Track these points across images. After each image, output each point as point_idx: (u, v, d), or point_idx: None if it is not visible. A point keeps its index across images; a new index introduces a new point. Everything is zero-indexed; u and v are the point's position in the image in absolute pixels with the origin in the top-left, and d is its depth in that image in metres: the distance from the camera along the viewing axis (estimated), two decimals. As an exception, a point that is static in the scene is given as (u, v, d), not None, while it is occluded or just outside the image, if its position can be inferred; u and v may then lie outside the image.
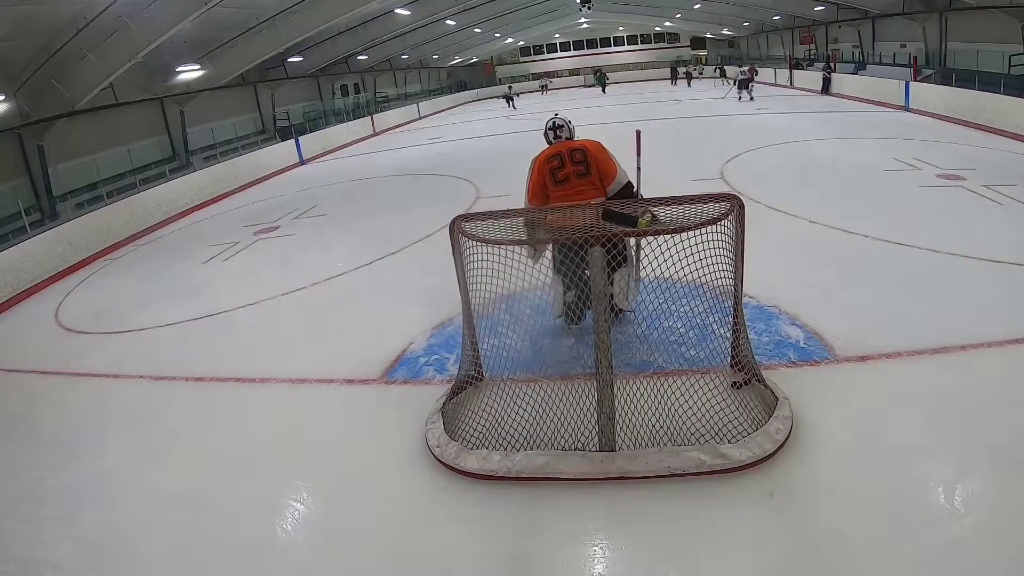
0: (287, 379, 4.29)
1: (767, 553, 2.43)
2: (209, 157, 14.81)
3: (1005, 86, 11.05)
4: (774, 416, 3.04)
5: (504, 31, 29.83)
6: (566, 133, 4.17)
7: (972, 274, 4.73)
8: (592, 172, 3.85)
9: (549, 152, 3.98)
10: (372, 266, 6.59)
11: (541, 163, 3.95)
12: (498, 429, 3.14)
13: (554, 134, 4.18)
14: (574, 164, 3.84)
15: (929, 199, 6.79)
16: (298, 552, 2.77)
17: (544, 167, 3.91)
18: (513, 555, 2.57)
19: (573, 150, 3.90)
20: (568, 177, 3.84)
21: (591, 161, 3.85)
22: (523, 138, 15.71)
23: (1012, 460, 2.74)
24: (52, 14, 9.35)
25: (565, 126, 4.18)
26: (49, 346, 5.73)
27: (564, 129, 4.17)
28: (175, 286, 6.91)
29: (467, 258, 3.25)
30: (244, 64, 15.10)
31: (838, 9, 20.59)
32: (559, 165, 3.87)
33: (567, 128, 4.18)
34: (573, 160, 3.85)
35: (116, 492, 3.32)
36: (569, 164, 3.85)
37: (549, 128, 4.21)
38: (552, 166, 3.88)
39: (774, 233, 5.90)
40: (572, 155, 3.87)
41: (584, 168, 3.84)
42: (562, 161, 3.87)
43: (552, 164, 3.89)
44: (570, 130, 4.20)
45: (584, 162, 3.84)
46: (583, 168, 3.84)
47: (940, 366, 3.57)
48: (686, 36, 36.28)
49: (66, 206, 10.87)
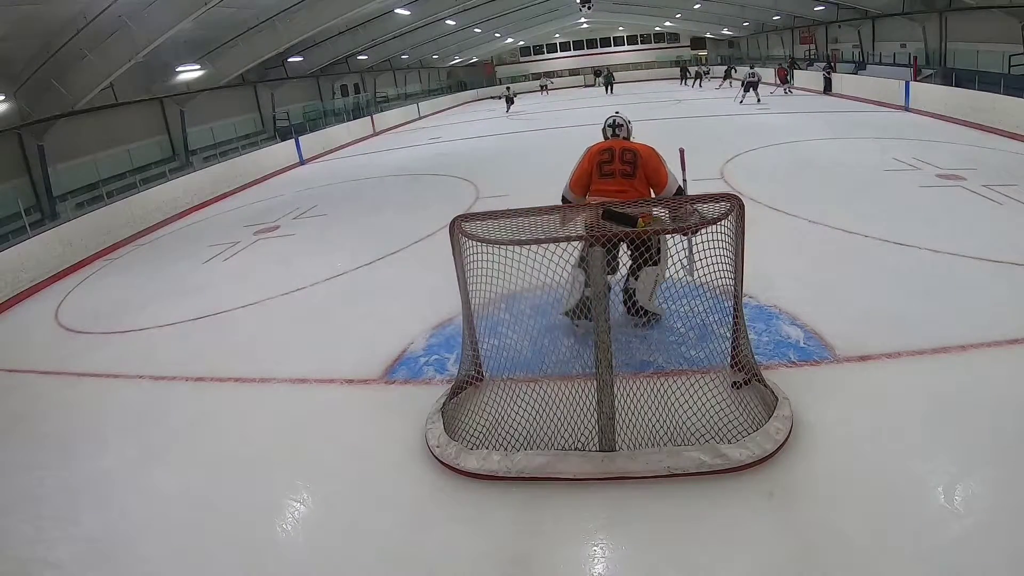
0: (287, 379, 4.29)
1: (767, 553, 2.43)
2: (209, 157, 14.80)
3: (1005, 86, 11.05)
4: (774, 416, 3.04)
5: (504, 31, 29.83)
6: (623, 133, 4.28)
7: (972, 274, 4.73)
8: (638, 176, 3.93)
9: (603, 145, 4.09)
10: (372, 266, 6.59)
11: (593, 153, 4.05)
12: (498, 429, 3.14)
13: (612, 131, 4.28)
14: (623, 163, 3.94)
15: (929, 199, 6.80)
16: (298, 552, 2.76)
17: (595, 157, 4.02)
18: (513, 555, 2.56)
19: (625, 150, 3.99)
20: (614, 173, 3.94)
21: (640, 165, 3.93)
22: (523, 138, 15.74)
23: (1012, 460, 2.74)
24: (52, 14, 9.35)
25: (624, 126, 4.29)
26: (49, 346, 5.73)
27: (623, 128, 4.29)
28: (175, 286, 6.91)
29: (467, 258, 3.25)
30: (244, 64, 15.11)
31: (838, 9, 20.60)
32: (608, 159, 3.97)
33: (625, 128, 4.29)
34: (623, 159, 3.95)
35: (116, 492, 3.32)
36: (618, 162, 3.95)
37: (608, 125, 4.32)
38: (602, 159, 3.99)
39: (774, 233, 5.89)
40: (623, 154, 3.97)
41: (631, 169, 3.92)
42: (612, 156, 3.98)
43: (602, 157, 3.99)
44: (628, 131, 4.31)
45: (633, 163, 3.93)
46: (630, 169, 3.93)
47: (940, 366, 3.57)
48: (686, 36, 36.26)
49: (66, 206, 10.87)
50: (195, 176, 12.46)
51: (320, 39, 18.38)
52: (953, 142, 9.87)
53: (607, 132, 4.29)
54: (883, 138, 10.65)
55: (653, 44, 37.37)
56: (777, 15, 24.70)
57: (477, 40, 30.03)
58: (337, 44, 19.71)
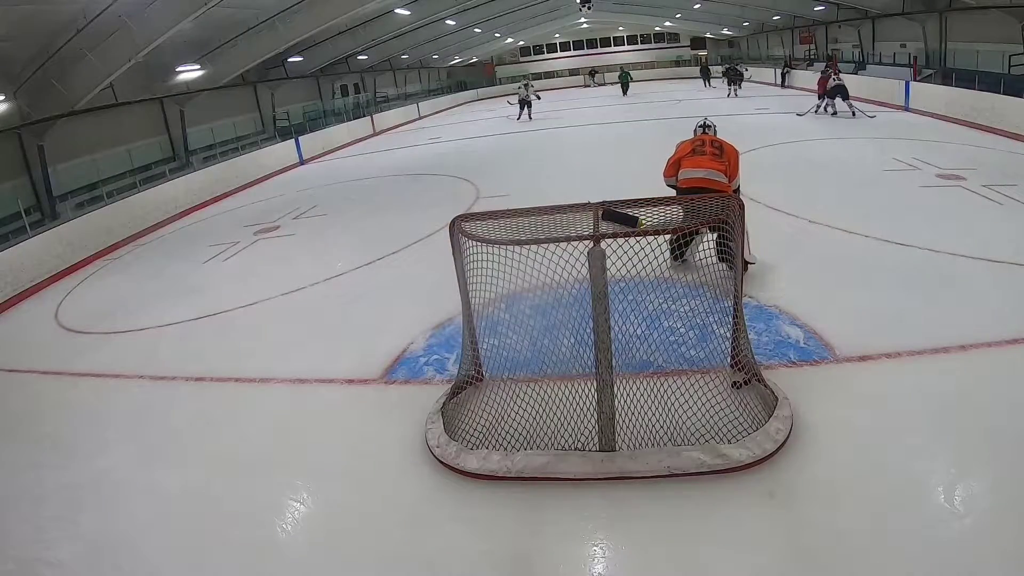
0: (287, 379, 4.29)
1: (767, 553, 2.43)
2: (209, 157, 14.79)
3: (1005, 86, 11.03)
4: (774, 416, 3.04)
5: (504, 31, 29.80)
6: (712, 131, 5.32)
7: (972, 274, 4.73)
8: (723, 158, 4.85)
9: (700, 137, 5.15)
10: (372, 266, 6.59)
11: (688, 141, 5.10)
12: (498, 429, 3.14)
13: (703, 129, 5.33)
14: (713, 148, 4.92)
15: (929, 199, 6.79)
16: (298, 552, 2.77)
17: (690, 143, 5.05)
18: (513, 555, 2.57)
19: (714, 142, 5.00)
20: (704, 150, 4.90)
21: (726, 151, 4.89)
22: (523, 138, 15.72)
23: (1012, 460, 2.74)
24: (52, 14, 9.35)
25: (712, 127, 5.38)
26: (49, 346, 5.73)
27: (711, 129, 5.35)
28: (175, 286, 6.91)
29: (467, 258, 3.25)
30: (244, 64, 15.10)
31: (838, 9, 20.57)
32: (701, 144, 4.97)
33: (713, 129, 5.37)
34: (713, 145, 4.95)
35: (116, 492, 3.32)
36: (709, 146, 4.93)
37: (699, 125, 5.40)
38: (696, 142, 5.02)
39: (774, 233, 5.89)
40: (713, 142, 4.98)
41: (718, 152, 4.88)
42: (704, 142, 4.99)
43: (696, 141, 5.04)
44: (715, 131, 5.35)
45: (720, 149, 4.89)
46: (718, 152, 4.88)
47: (940, 366, 3.57)
48: (686, 36, 36.26)
49: (66, 206, 10.86)
50: (195, 176, 12.44)
51: (320, 39, 18.36)
52: (953, 142, 9.86)
53: (698, 131, 5.31)
54: (883, 138, 10.65)
55: (653, 44, 37.34)
56: (777, 15, 24.68)
57: (477, 40, 30.00)
58: (337, 44, 19.69)
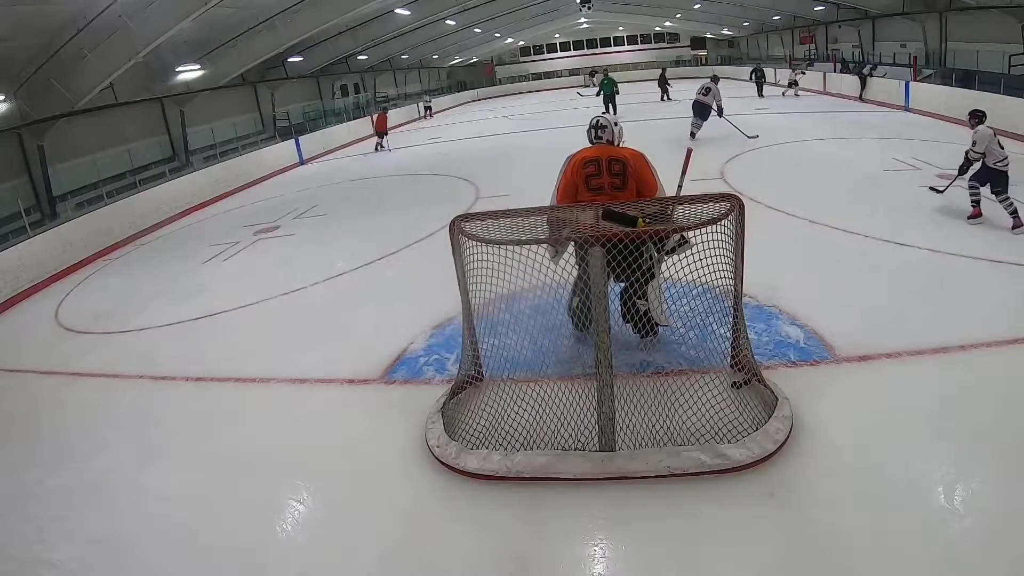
0: (287, 379, 4.29)
1: (767, 553, 2.43)
2: (209, 157, 14.79)
3: (1005, 86, 11.04)
4: (774, 416, 3.04)
5: (504, 31, 29.80)
6: (608, 135, 3.87)
7: (972, 274, 4.73)
8: (629, 186, 3.66)
9: (587, 155, 3.76)
10: (372, 266, 6.59)
11: (576, 164, 3.74)
12: (498, 429, 3.14)
13: (595, 133, 3.88)
14: (611, 176, 3.66)
15: (929, 199, 6.79)
16: (298, 552, 2.76)
17: (580, 170, 3.71)
18: (513, 555, 2.56)
19: (613, 160, 3.69)
20: (603, 187, 3.67)
21: (629, 175, 3.66)
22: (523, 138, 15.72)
23: (1013, 460, 2.74)
24: (52, 14, 9.35)
25: (608, 127, 3.88)
26: (49, 346, 5.73)
27: (607, 131, 3.87)
28: (175, 286, 6.91)
29: (467, 258, 3.25)
30: (244, 64, 15.10)
31: (838, 9, 20.58)
32: (595, 172, 3.68)
33: (610, 130, 3.87)
34: (611, 171, 3.66)
35: (116, 492, 3.32)
36: (607, 175, 3.67)
37: (592, 127, 3.92)
38: (588, 172, 3.70)
39: (774, 233, 5.89)
40: (611, 166, 3.67)
41: (621, 182, 3.66)
42: (599, 169, 3.68)
43: (589, 170, 3.70)
44: (613, 132, 3.88)
45: (622, 175, 3.66)
46: (619, 182, 3.66)
47: (940, 366, 3.57)
48: (686, 36, 36.26)
49: (66, 206, 10.87)
50: (195, 176, 12.45)
51: (320, 39, 18.36)
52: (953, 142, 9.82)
53: (591, 135, 3.92)
54: (883, 138, 10.65)
55: (653, 44, 37.34)
56: (777, 15, 24.68)
57: (477, 40, 30.00)
58: (337, 44, 19.69)
